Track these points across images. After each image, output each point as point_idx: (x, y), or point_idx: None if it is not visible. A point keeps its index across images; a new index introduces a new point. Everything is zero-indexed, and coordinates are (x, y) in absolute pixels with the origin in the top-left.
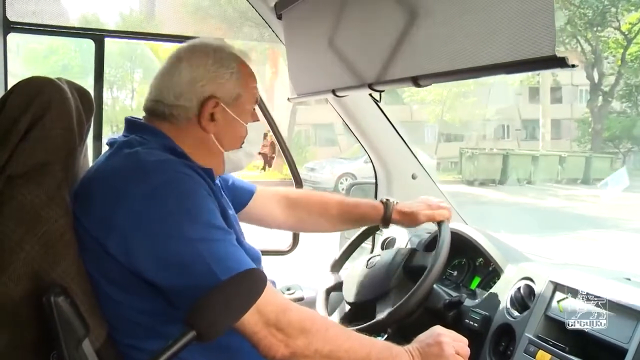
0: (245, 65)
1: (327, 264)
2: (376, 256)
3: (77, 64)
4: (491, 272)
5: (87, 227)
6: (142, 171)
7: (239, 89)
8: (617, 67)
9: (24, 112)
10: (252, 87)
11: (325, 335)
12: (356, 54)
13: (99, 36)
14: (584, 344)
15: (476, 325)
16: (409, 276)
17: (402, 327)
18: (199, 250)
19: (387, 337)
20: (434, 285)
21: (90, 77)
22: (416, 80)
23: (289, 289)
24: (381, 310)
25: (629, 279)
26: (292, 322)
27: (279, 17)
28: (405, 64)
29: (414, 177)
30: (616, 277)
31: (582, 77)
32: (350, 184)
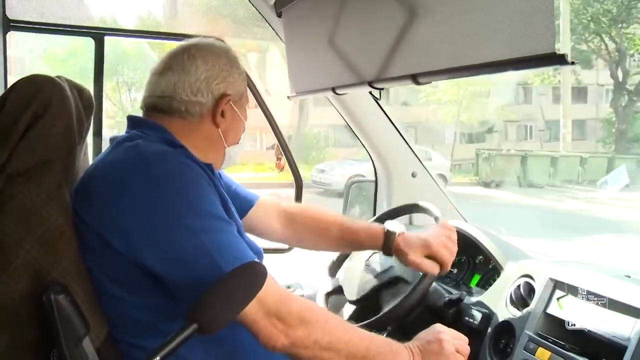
0: (241, 66)
1: (326, 262)
2: (375, 254)
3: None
4: (491, 269)
5: (89, 222)
6: (142, 163)
7: (243, 89)
8: None
9: (24, 111)
10: (246, 87)
11: (324, 326)
12: (356, 52)
13: (99, 34)
14: (584, 341)
15: (476, 322)
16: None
17: (402, 325)
18: (201, 240)
19: (388, 335)
20: (434, 283)
21: (107, 79)
22: (415, 78)
23: (288, 287)
24: (381, 308)
25: (629, 276)
26: (292, 312)
27: (279, 15)
28: (404, 62)
29: (413, 175)
30: (616, 274)
31: (607, 76)
32: (350, 181)
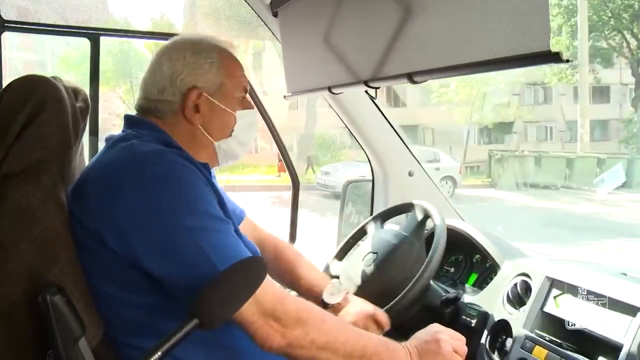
0: (227, 54)
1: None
2: (372, 252)
3: (108, 69)
4: (488, 268)
5: (85, 223)
6: (138, 163)
7: (222, 78)
8: None
9: (19, 111)
10: (237, 75)
11: (321, 326)
12: (352, 51)
13: (95, 35)
14: (580, 339)
15: (473, 321)
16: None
17: (399, 323)
18: (197, 240)
19: (386, 334)
20: (431, 282)
21: (122, 80)
22: (411, 76)
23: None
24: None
25: (625, 274)
26: (288, 312)
27: (275, 14)
28: (400, 61)
29: (410, 174)
30: (612, 272)
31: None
32: (347, 181)
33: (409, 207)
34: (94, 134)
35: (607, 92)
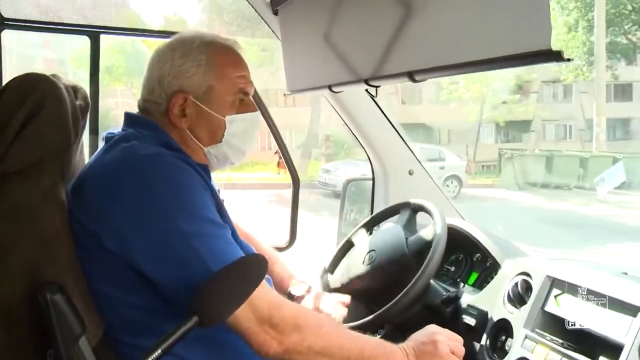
0: (221, 55)
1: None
2: (372, 251)
3: (120, 65)
4: (489, 267)
5: (83, 222)
6: (138, 164)
7: (211, 81)
8: None
9: (19, 109)
10: (231, 77)
11: (318, 331)
12: (352, 50)
13: (95, 33)
14: (581, 338)
15: (474, 320)
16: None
17: (400, 323)
18: (193, 244)
19: (386, 333)
20: (432, 281)
21: (134, 77)
22: (412, 75)
23: None
24: (380, 305)
25: (626, 273)
26: (285, 318)
27: (275, 12)
28: (400, 59)
29: (410, 173)
30: (613, 271)
31: None
32: (347, 180)
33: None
34: (94, 132)
35: (629, 90)
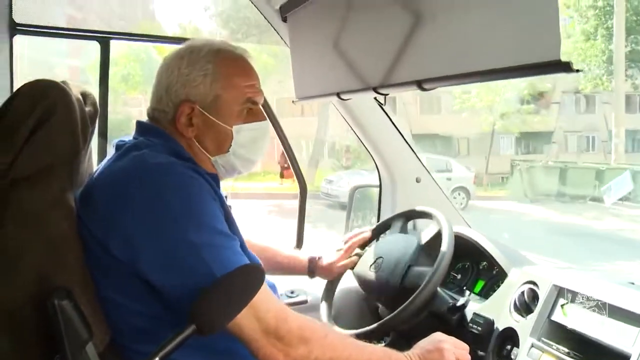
0: (228, 64)
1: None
2: (379, 258)
3: (136, 73)
4: (495, 275)
5: (92, 229)
6: (148, 174)
7: (218, 90)
8: None
9: (29, 115)
10: (239, 86)
11: (324, 343)
12: (361, 58)
13: (105, 38)
14: (588, 348)
15: (480, 329)
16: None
17: (406, 330)
18: (202, 255)
19: (392, 340)
20: (438, 288)
21: (150, 85)
22: (420, 84)
23: (292, 292)
24: (386, 312)
25: (633, 283)
26: (292, 330)
27: (284, 19)
28: (409, 68)
29: (418, 180)
30: (620, 281)
31: None
32: (354, 187)
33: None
34: (103, 137)
35: None
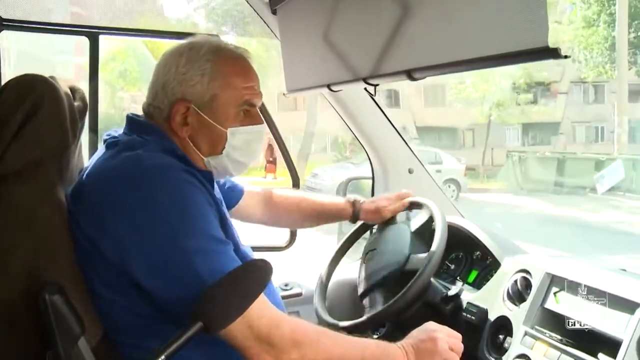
0: (227, 64)
1: (325, 259)
2: (372, 250)
3: (134, 69)
4: (488, 265)
5: (83, 227)
6: (141, 177)
7: (215, 90)
8: None
9: (16, 110)
10: (237, 87)
11: (317, 345)
12: (351, 48)
13: (94, 33)
14: (580, 334)
15: (473, 318)
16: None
17: (400, 320)
18: (193, 261)
19: (386, 331)
20: (432, 279)
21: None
22: (410, 73)
23: (287, 285)
24: (380, 303)
25: (625, 270)
26: (284, 335)
27: (274, 12)
28: (399, 58)
29: (410, 171)
30: (612, 268)
31: None
32: (347, 179)
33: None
34: (94, 132)
35: None
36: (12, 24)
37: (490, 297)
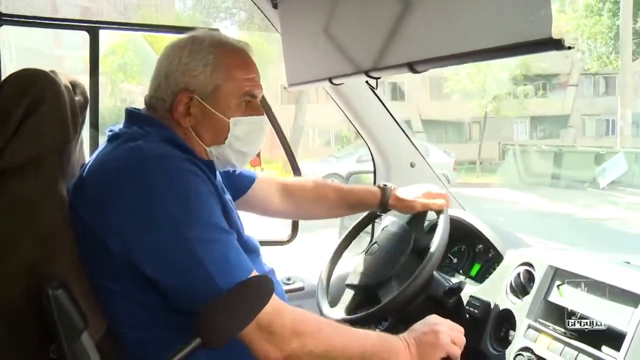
0: (229, 56)
1: (327, 253)
2: (374, 243)
3: (134, 63)
4: (491, 258)
5: (86, 220)
6: (143, 168)
7: (217, 81)
8: None
9: (17, 104)
10: (239, 79)
11: (319, 336)
12: (352, 41)
13: (94, 28)
14: (584, 327)
15: (476, 311)
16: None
17: (403, 314)
18: (197, 251)
19: (389, 324)
20: (434, 272)
21: (144, 74)
22: (412, 66)
23: (289, 279)
24: (382, 297)
25: (628, 262)
26: (285, 325)
27: (275, 6)
28: (400, 50)
29: (412, 165)
30: (615, 260)
31: None
32: (349, 172)
33: None
34: (95, 127)
35: None
36: (12, 19)
37: (493, 291)
